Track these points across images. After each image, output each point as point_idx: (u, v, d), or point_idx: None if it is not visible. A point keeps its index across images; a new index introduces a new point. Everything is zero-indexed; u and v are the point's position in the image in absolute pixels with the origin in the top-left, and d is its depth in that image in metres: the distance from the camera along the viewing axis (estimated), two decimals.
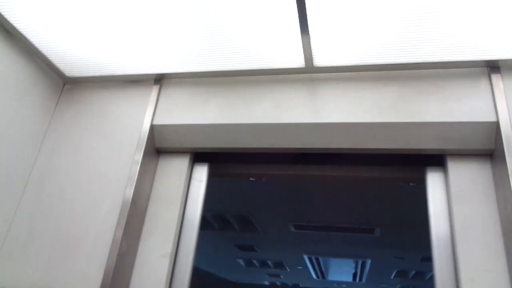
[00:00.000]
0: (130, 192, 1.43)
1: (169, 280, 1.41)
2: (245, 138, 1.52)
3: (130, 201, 1.41)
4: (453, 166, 1.36)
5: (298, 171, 1.60)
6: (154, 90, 1.63)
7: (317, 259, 6.62)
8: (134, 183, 1.44)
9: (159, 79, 1.65)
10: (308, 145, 1.48)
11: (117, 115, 1.62)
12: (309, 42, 1.36)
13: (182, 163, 1.60)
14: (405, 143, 1.38)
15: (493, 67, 1.34)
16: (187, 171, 1.58)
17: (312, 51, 1.41)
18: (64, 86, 1.77)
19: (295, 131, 1.46)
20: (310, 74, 1.51)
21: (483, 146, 1.32)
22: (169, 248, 1.44)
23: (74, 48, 1.54)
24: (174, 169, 1.60)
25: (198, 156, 1.64)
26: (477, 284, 1.19)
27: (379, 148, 1.41)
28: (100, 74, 1.67)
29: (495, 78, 1.32)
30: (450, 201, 1.32)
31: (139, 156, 1.49)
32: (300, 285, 10.36)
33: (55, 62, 1.64)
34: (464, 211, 1.28)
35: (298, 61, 1.47)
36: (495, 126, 1.27)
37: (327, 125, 1.41)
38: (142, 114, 1.58)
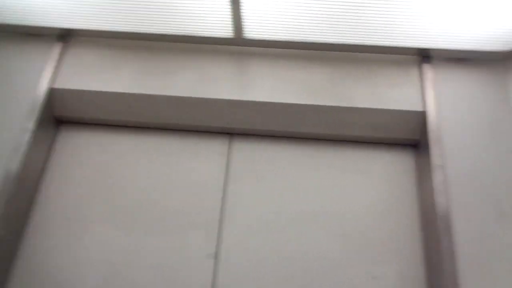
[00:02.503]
0: (14, 167, 1.18)
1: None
2: (162, 111, 1.34)
3: (13, 177, 1.17)
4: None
5: None
6: (57, 47, 1.37)
7: None
8: (22, 157, 1.20)
9: (64, 36, 1.40)
10: (233, 125, 1.35)
11: (6, 73, 1.34)
12: (239, 10, 1.22)
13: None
14: (334, 129, 1.30)
15: (424, 56, 1.30)
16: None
17: (243, 21, 1.26)
18: None
19: (219, 108, 1.32)
20: (239, 46, 1.37)
21: (409, 136, 1.29)
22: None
23: None
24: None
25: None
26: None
27: (307, 133, 1.33)
28: None
29: (426, 68, 1.28)
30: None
31: (31, 125, 1.24)
32: None
33: None
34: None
35: (226, 31, 1.31)
36: (422, 116, 1.24)
37: (254, 103, 1.29)
38: (38, 75, 1.33)
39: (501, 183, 1.13)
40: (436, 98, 1.24)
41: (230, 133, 1.38)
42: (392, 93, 1.26)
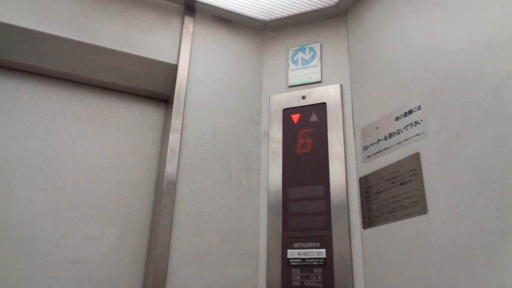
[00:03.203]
0: None
1: None
2: None
3: None
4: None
5: None
6: None
7: None
8: None
9: None
10: None
11: None
12: None
13: None
14: (71, 67, 1.11)
15: (189, 7, 1.21)
16: None
17: None
18: None
19: None
20: None
21: (160, 90, 1.20)
22: None
23: None
24: None
25: None
26: None
27: (40, 67, 1.10)
28: None
29: (188, 20, 1.19)
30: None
31: None
32: None
33: None
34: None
35: None
36: (175, 71, 1.15)
37: None
38: None
39: (234, 150, 1.13)
40: (192, 54, 1.16)
41: None
42: (147, 40, 1.13)
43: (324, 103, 1.12)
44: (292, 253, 1.02)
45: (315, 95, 1.14)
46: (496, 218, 0.64)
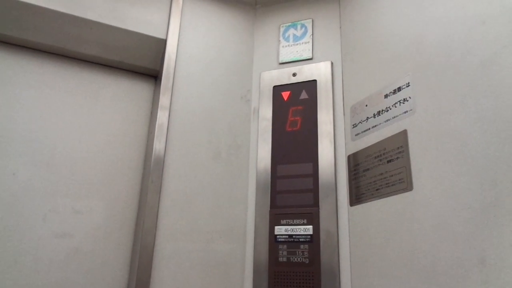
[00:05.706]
0: None
1: None
2: None
3: None
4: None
5: None
6: None
7: None
8: None
9: None
10: None
11: None
12: None
13: None
14: (57, 40, 1.09)
15: None
16: None
17: None
18: None
19: None
20: None
21: (149, 65, 1.18)
22: None
23: None
24: None
25: None
26: None
27: (23, 39, 1.07)
28: None
29: None
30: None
31: None
32: None
33: None
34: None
35: None
36: (163, 45, 1.13)
37: None
38: None
39: (223, 127, 1.12)
40: (181, 29, 1.14)
41: None
42: (135, 13, 1.11)
43: (315, 81, 1.11)
44: (279, 230, 1.03)
45: (306, 72, 1.13)
46: (478, 195, 0.65)
